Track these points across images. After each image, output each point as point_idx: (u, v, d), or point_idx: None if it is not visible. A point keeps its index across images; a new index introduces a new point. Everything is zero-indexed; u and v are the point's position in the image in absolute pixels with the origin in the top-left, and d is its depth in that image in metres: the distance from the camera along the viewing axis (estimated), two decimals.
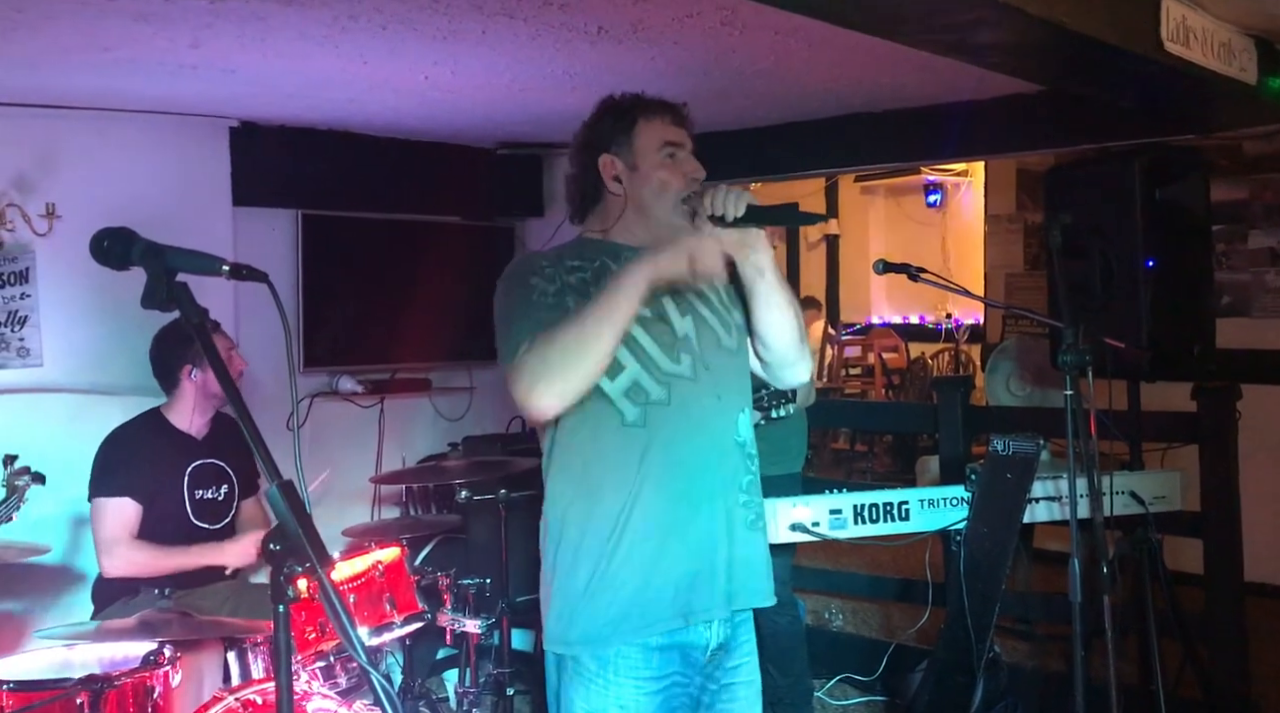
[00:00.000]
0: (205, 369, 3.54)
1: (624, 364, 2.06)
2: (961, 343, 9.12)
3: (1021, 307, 4.00)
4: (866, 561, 5.23)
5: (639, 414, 2.06)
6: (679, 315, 2.14)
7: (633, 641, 2.07)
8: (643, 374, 2.07)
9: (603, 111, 2.21)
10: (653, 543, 2.05)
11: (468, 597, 3.63)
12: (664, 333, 2.10)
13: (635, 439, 2.05)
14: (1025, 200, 7.22)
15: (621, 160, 2.15)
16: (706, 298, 2.20)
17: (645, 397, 2.06)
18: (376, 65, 3.78)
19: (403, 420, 5.59)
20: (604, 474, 2.07)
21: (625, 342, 2.05)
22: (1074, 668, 2.84)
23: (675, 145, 2.17)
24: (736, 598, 2.14)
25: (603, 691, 2.07)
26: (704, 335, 2.15)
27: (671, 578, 2.06)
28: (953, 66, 3.28)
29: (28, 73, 3.78)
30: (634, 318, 2.02)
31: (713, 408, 2.12)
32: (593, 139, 2.19)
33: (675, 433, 2.07)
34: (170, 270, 1.50)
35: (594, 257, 2.14)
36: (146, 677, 2.89)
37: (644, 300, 2.04)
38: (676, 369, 2.10)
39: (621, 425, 2.05)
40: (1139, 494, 3.50)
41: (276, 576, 1.32)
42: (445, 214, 5.68)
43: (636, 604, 2.06)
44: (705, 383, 2.11)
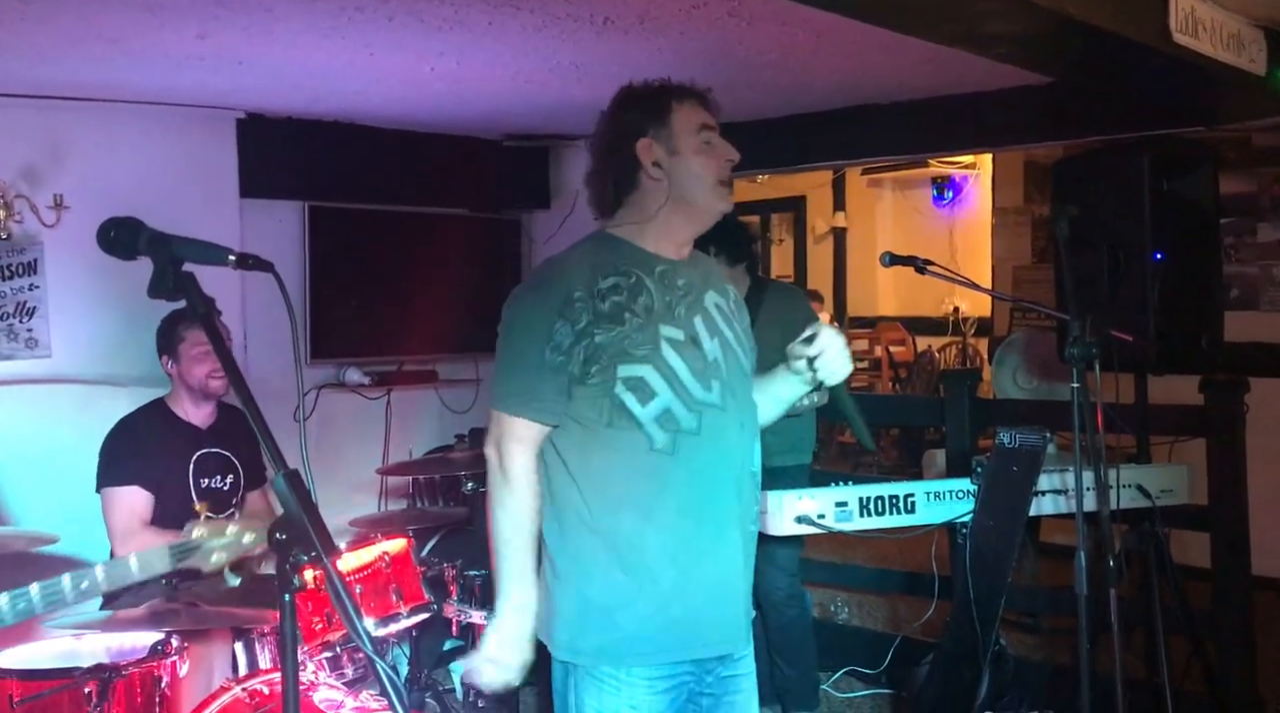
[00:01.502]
0: (179, 360, 3.55)
1: (657, 391, 2.02)
2: (969, 336, 9.10)
3: (1028, 299, 3.98)
4: (872, 554, 5.23)
5: (668, 441, 2.03)
6: (708, 337, 2.11)
7: (647, 663, 2.06)
8: (675, 402, 2.04)
9: (630, 99, 2.16)
10: (672, 573, 2.04)
11: (474, 588, 3.64)
12: (697, 358, 2.07)
13: (661, 466, 2.03)
14: (1033, 193, 7.21)
15: (661, 145, 2.10)
16: (729, 317, 2.18)
17: (676, 425, 2.04)
18: (383, 57, 3.78)
19: (409, 412, 5.60)
20: (627, 495, 2.04)
21: (659, 368, 2.03)
22: (1079, 661, 2.83)
23: (710, 129, 2.15)
24: (743, 625, 2.16)
25: (615, 691, 2.06)
26: (729, 358, 2.13)
27: (692, 606, 2.05)
28: (960, 58, 3.27)
29: (35, 64, 3.78)
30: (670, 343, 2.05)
31: (736, 438, 2.11)
32: (624, 127, 2.13)
33: (702, 463, 2.05)
34: (177, 260, 1.50)
35: (629, 269, 2.08)
36: (154, 667, 2.91)
37: (677, 322, 2.08)
38: (708, 397, 2.07)
39: (650, 450, 2.02)
40: (1146, 488, 3.49)
41: (283, 564, 1.32)
42: (452, 206, 5.68)
43: (654, 628, 2.05)
44: (732, 412, 2.11)
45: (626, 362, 2.02)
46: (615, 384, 2.01)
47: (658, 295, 2.07)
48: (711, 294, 2.18)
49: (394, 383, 5.52)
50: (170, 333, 3.56)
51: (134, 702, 2.87)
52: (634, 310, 2.04)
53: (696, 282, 2.16)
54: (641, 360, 2.02)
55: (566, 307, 2.02)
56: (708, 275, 2.21)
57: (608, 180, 2.16)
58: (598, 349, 2.01)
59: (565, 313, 2.02)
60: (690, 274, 2.16)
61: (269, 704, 2.87)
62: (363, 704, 2.88)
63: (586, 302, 2.02)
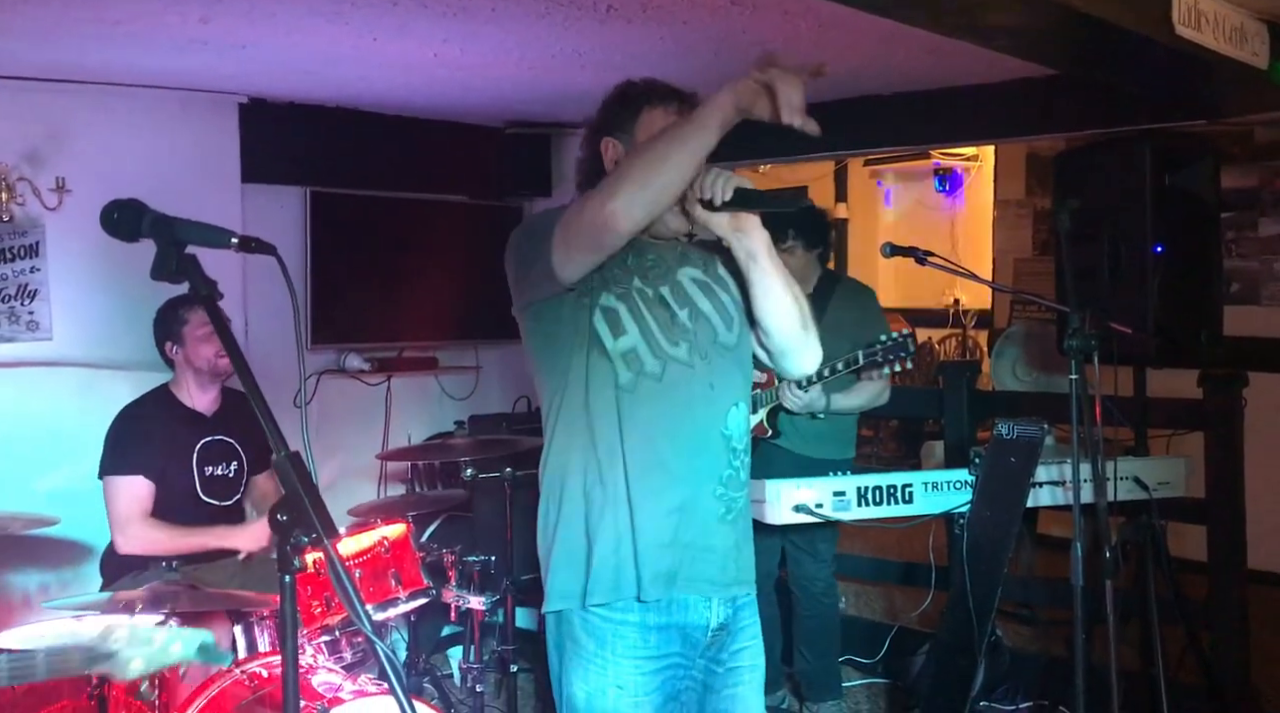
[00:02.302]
0: (184, 343, 3.56)
1: (626, 328, 2.08)
2: (969, 328, 9.11)
3: (1028, 291, 3.99)
4: (870, 544, 5.24)
5: (631, 380, 2.08)
6: (678, 307, 2.14)
7: (633, 605, 2.07)
8: (641, 344, 2.09)
9: (613, 96, 2.20)
10: (624, 510, 2.07)
11: (473, 574, 3.65)
12: (666, 316, 2.11)
13: (624, 403, 2.07)
14: (1035, 185, 7.20)
15: (622, 145, 2.14)
16: (710, 290, 2.19)
17: (640, 366, 2.08)
18: (386, 42, 3.78)
19: (409, 399, 5.60)
20: (599, 433, 2.08)
21: (631, 309, 2.08)
22: (1075, 652, 2.85)
23: None
24: (678, 584, 2.10)
25: (600, 670, 2.08)
26: (701, 330, 2.14)
27: (646, 545, 2.07)
28: (963, 49, 3.27)
29: (38, 47, 3.78)
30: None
31: (703, 396, 2.12)
32: (599, 123, 2.19)
33: (659, 410, 2.08)
34: (179, 242, 1.51)
35: None
36: None
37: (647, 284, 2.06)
38: (674, 352, 2.11)
39: (614, 386, 2.07)
40: (1143, 480, 3.50)
41: (283, 546, 1.33)
42: (453, 193, 5.68)
43: (626, 564, 2.07)
44: (700, 371, 2.12)
45: (606, 291, 2.09)
46: (595, 310, 2.08)
47: (632, 257, 2.13)
48: (688, 270, 2.19)
49: (394, 369, 5.52)
50: (171, 317, 3.56)
51: (133, 684, 2.89)
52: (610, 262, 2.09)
53: (669, 259, 2.18)
54: (619, 297, 2.09)
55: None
56: (684, 255, 2.21)
57: (581, 173, 2.23)
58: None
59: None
60: (661, 252, 2.18)
61: (267, 687, 2.88)
62: (361, 688, 2.90)
63: None
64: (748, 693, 2.21)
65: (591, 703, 2.09)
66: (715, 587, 2.15)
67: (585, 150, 2.22)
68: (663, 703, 2.13)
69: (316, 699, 2.75)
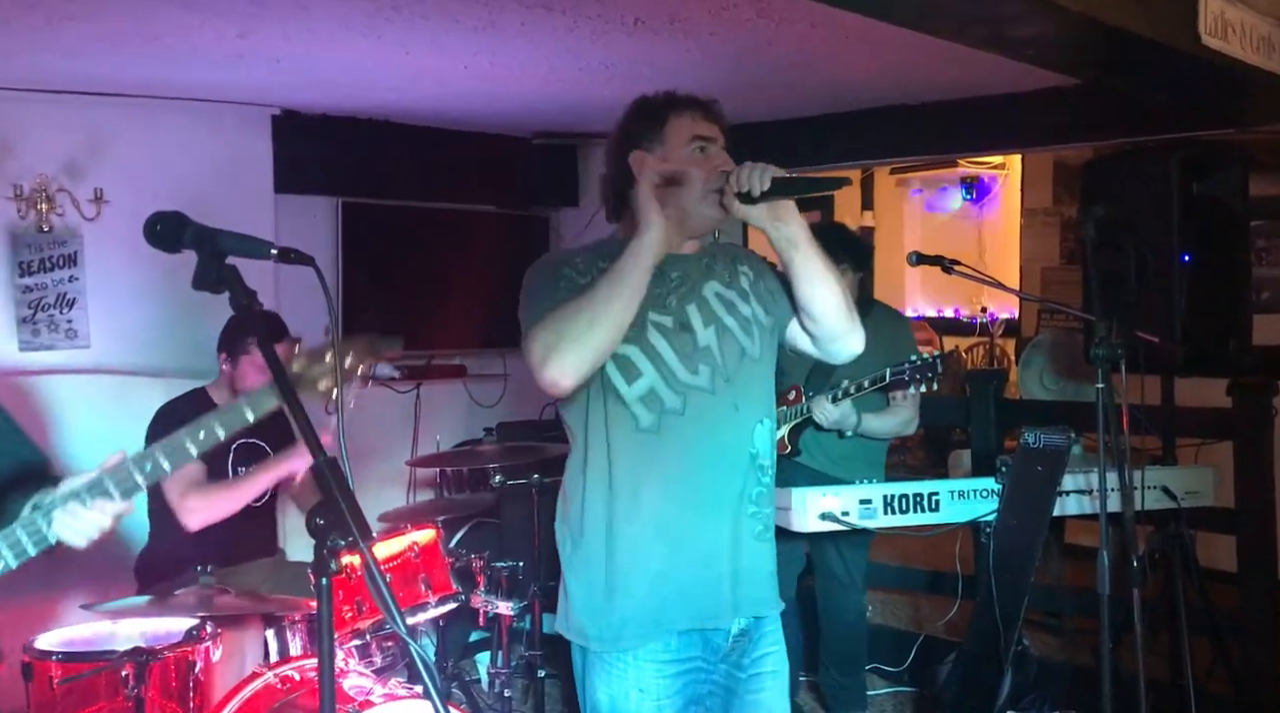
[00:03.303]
0: (237, 365, 3.61)
1: (641, 371, 2.09)
2: (996, 337, 9.07)
3: (1055, 300, 3.98)
4: (896, 552, 5.24)
5: (653, 421, 2.09)
6: (703, 325, 2.14)
7: (647, 641, 2.10)
8: (659, 382, 2.09)
9: (634, 109, 2.21)
10: (661, 550, 2.09)
11: (501, 580, 3.68)
12: (685, 343, 2.12)
13: (648, 445, 2.08)
14: (1062, 194, 7.17)
15: (652, 157, 2.14)
16: (733, 305, 2.20)
17: (660, 405, 2.09)
18: (418, 55, 3.84)
19: (438, 406, 5.65)
20: (622, 477, 2.10)
21: (644, 349, 2.09)
22: (1101, 662, 2.84)
23: (705, 139, 2.16)
24: (741, 607, 2.16)
25: (623, 674, 2.11)
26: (727, 346, 2.15)
27: (680, 586, 2.10)
28: (990, 59, 3.28)
29: (78, 61, 3.86)
30: (643, 293, 2.03)
31: (728, 420, 2.13)
32: (624, 137, 2.19)
33: (688, 443, 2.08)
34: (221, 253, 1.55)
35: None
36: (189, 651, 2.98)
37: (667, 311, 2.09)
38: (694, 381, 2.11)
39: (636, 430, 2.08)
40: (1171, 489, 3.49)
41: (320, 549, 1.37)
42: (481, 203, 5.73)
43: (648, 609, 2.10)
44: (723, 395, 2.12)
45: None
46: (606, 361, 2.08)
47: (649, 286, 2.11)
48: (713, 284, 2.20)
49: (423, 377, 5.58)
50: (238, 339, 3.57)
51: (168, 685, 2.94)
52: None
53: (694, 273, 2.19)
54: (629, 341, 2.08)
55: (569, 265, 2.14)
56: (710, 267, 2.22)
57: (608, 189, 2.23)
58: None
59: (571, 266, 2.14)
60: (686, 267, 2.19)
61: (300, 690, 2.92)
62: (391, 692, 2.93)
63: (587, 268, 2.12)
64: (771, 699, 2.22)
65: (615, 706, 2.12)
66: (760, 604, 2.19)
67: (611, 167, 2.22)
68: (684, 706, 2.16)
69: (348, 703, 2.79)
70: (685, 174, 2.11)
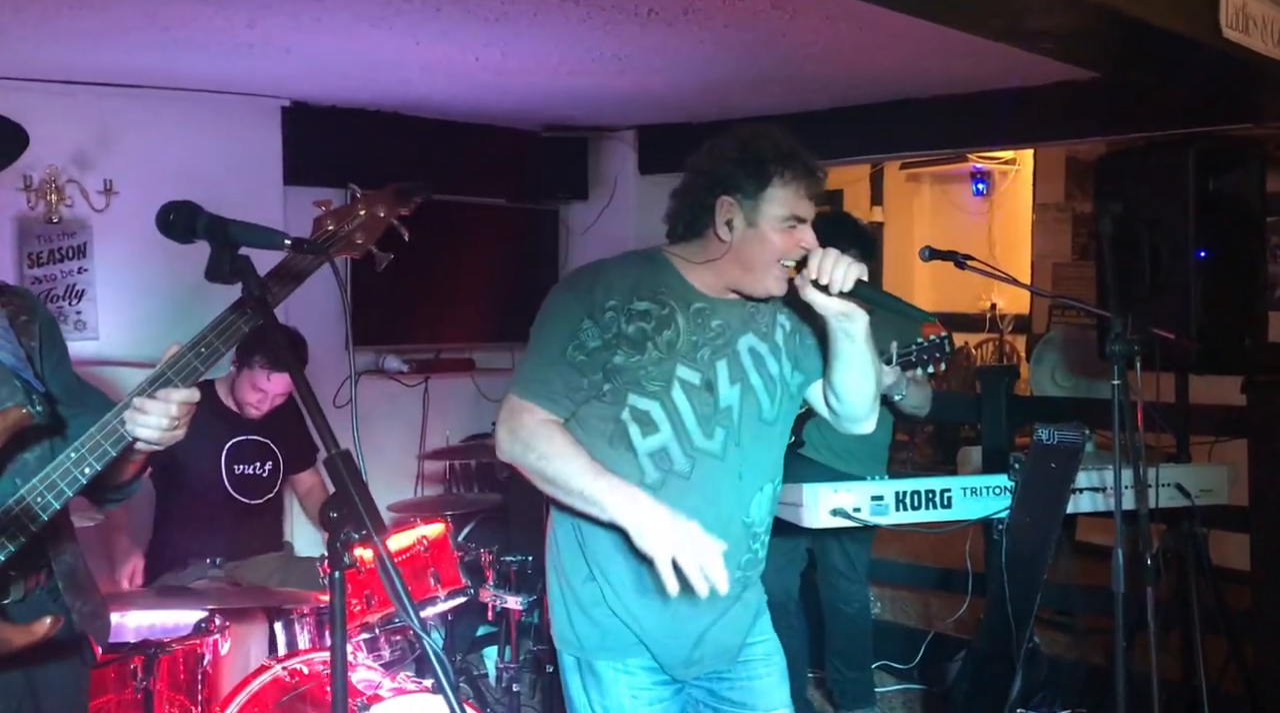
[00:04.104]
0: (239, 373, 3.61)
1: (659, 428, 2.05)
2: (1006, 333, 9.04)
3: (1070, 296, 3.94)
4: (905, 549, 5.22)
5: (659, 479, 2.06)
6: (729, 383, 2.10)
7: (628, 656, 2.12)
8: (673, 443, 2.06)
9: (739, 148, 2.06)
10: (636, 599, 2.09)
11: (509, 574, 3.67)
12: (706, 404, 2.08)
13: None
14: (1074, 189, 7.14)
15: (742, 211, 2.04)
16: (763, 362, 2.15)
17: (669, 465, 2.06)
18: (428, 46, 3.82)
19: (446, 400, 5.64)
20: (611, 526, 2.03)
21: (666, 406, 2.05)
22: (1115, 660, 2.82)
23: (800, 220, 2.06)
24: (694, 667, 2.16)
25: (614, 680, 2.12)
26: (747, 407, 2.12)
27: (646, 629, 2.10)
28: (1004, 52, 3.25)
29: (88, 52, 3.85)
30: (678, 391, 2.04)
31: (730, 488, 2.11)
32: (718, 173, 2.06)
33: (686, 506, 2.01)
34: (234, 244, 1.53)
35: (667, 299, 2.07)
36: (197, 644, 2.97)
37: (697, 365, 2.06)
38: (707, 445, 2.08)
39: (640, 484, 2.03)
40: (1185, 487, 3.47)
41: (334, 542, 1.35)
42: (490, 196, 5.72)
43: (619, 636, 2.11)
44: (731, 462, 2.10)
45: (636, 391, 2.04)
46: (624, 409, 2.04)
47: (685, 333, 2.07)
48: (749, 337, 2.14)
49: (432, 371, 5.57)
50: (250, 351, 3.59)
51: (176, 678, 2.94)
52: (657, 342, 2.05)
53: (734, 323, 2.13)
54: (651, 395, 2.05)
55: (598, 311, 2.04)
56: (751, 316, 2.16)
57: (681, 212, 2.12)
58: (615, 370, 2.04)
59: (595, 316, 2.04)
60: (730, 315, 2.13)
61: (307, 684, 2.92)
62: (400, 685, 2.93)
63: (617, 315, 2.04)
64: (768, 686, 2.22)
65: (606, 711, 2.12)
66: (725, 658, 2.19)
67: (690, 195, 2.10)
68: (679, 710, 2.18)
69: (356, 697, 2.79)
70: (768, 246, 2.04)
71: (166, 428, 1.66)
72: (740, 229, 2.05)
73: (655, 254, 2.16)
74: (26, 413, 1.65)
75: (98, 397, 1.97)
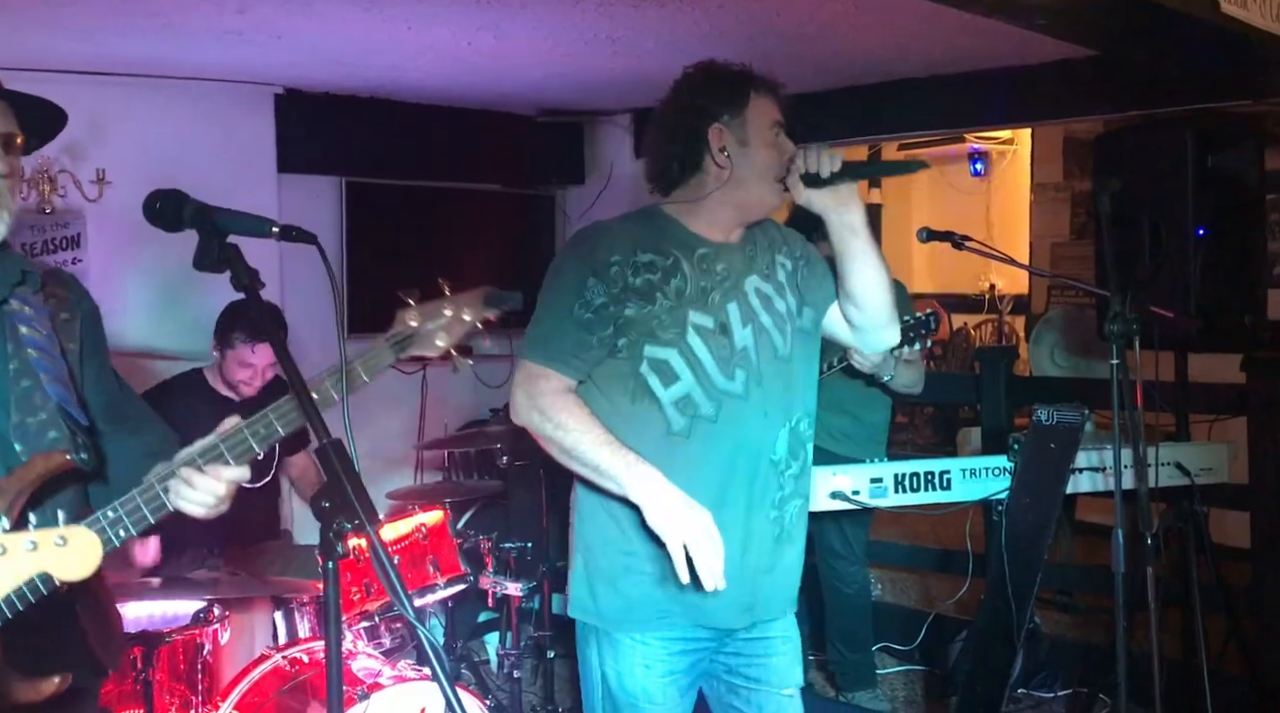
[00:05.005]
0: (224, 357, 3.59)
1: (679, 375, 2.06)
2: (1005, 314, 9.03)
3: (1069, 275, 3.95)
4: (905, 531, 5.22)
5: (685, 425, 2.07)
6: (741, 325, 2.11)
7: (646, 629, 2.11)
8: (696, 388, 2.07)
9: (709, 81, 2.15)
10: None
11: (509, 560, 3.67)
12: (723, 346, 2.09)
13: (676, 449, 2.06)
14: (1072, 168, 7.11)
15: (732, 133, 2.10)
16: (770, 301, 2.16)
17: (695, 410, 2.07)
18: (420, 30, 3.79)
19: (444, 387, 5.62)
20: None
21: (684, 353, 2.06)
22: (1116, 639, 2.82)
23: (780, 125, 2.15)
24: (756, 610, 2.15)
25: (630, 651, 2.12)
26: (762, 346, 2.13)
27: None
28: (1000, 30, 3.23)
29: (79, 40, 3.82)
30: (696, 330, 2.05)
31: (756, 427, 2.11)
32: (699, 108, 2.12)
33: (714, 449, 2.07)
34: (221, 232, 1.52)
35: (668, 248, 2.10)
36: (196, 634, 2.97)
37: (709, 309, 2.07)
38: (729, 386, 2.08)
39: (666, 433, 2.06)
40: (1185, 466, 3.46)
41: (326, 532, 1.34)
42: (486, 182, 5.70)
43: (654, 600, 2.10)
44: (755, 400, 2.11)
45: (653, 343, 2.06)
46: (641, 362, 2.05)
47: (692, 280, 2.09)
48: (754, 279, 2.16)
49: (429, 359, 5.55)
50: (228, 330, 3.57)
51: (176, 668, 2.94)
52: (665, 292, 2.06)
53: (739, 266, 2.15)
54: (668, 344, 2.06)
55: (602, 268, 2.06)
56: (752, 258, 2.18)
57: (672, 157, 2.15)
58: (627, 323, 2.05)
59: (600, 273, 2.06)
60: (733, 258, 2.15)
61: (308, 673, 2.92)
62: (400, 673, 2.92)
63: (621, 269, 2.06)
64: (781, 663, 2.22)
65: (621, 683, 2.13)
66: (770, 609, 2.17)
67: (675, 136, 2.13)
68: (690, 684, 2.17)
69: (356, 685, 2.78)
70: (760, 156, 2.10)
71: (212, 505, 1.62)
72: (735, 151, 2.11)
73: (652, 210, 2.19)
74: (70, 460, 1.61)
75: (137, 406, 1.93)
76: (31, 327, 1.69)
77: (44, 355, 1.69)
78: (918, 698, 4.36)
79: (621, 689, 2.12)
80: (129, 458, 1.78)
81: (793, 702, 2.22)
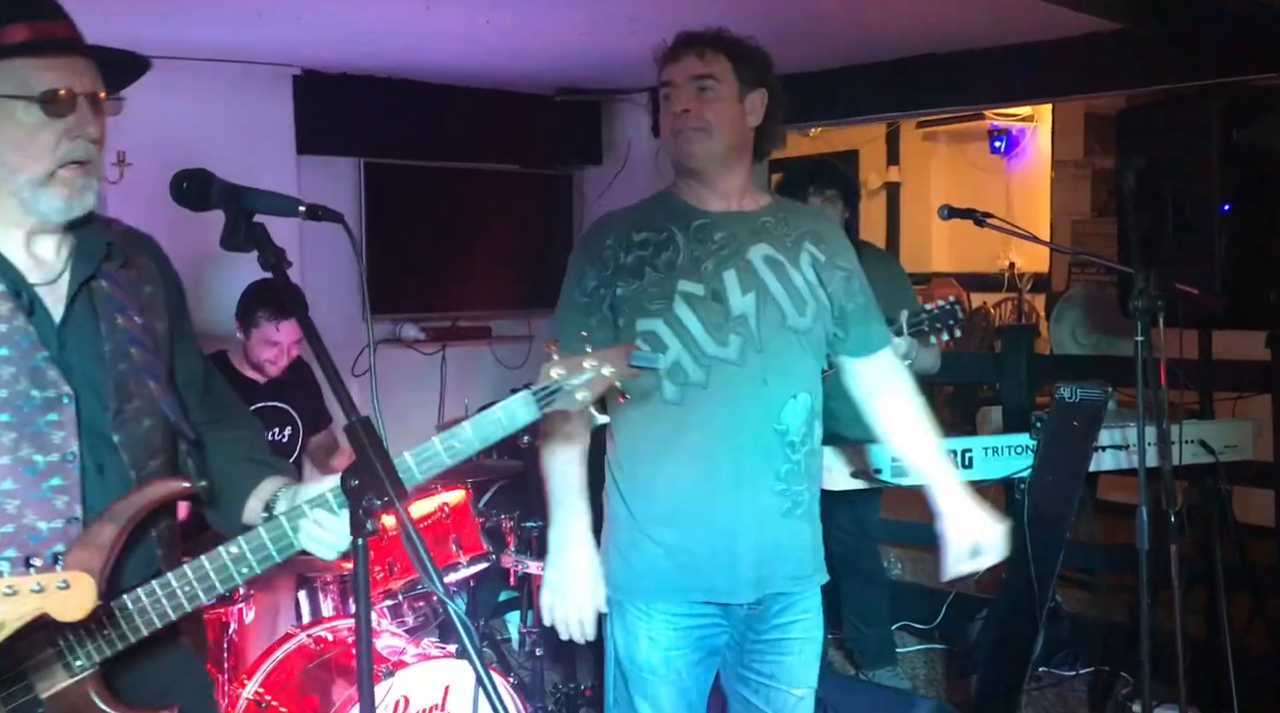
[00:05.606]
0: (249, 336, 3.61)
1: (667, 345, 2.08)
2: (1025, 292, 8.98)
3: (1091, 252, 3.91)
4: (926, 510, 5.19)
5: (677, 393, 2.08)
6: (740, 293, 2.10)
7: (661, 600, 2.14)
8: (684, 354, 2.08)
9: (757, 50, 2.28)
10: (677, 523, 2.10)
11: (531, 539, 3.67)
12: (715, 312, 2.09)
13: (671, 417, 2.08)
14: (1093, 145, 7.05)
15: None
16: (784, 270, 2.14)
17: (685, 377, 2.08)
18: (439, 10, 3.78)
19: (464, 368, 5.65)
20: (640, 446, 2.14)
21: (670, 323, 2.08)
22: (1140, 617, 2.81)
23: (667, 84, 2.16)
24: (764, 584, 2.15)
25: (637, 622, 2.16)
26: (766, 314, 2.11)
27: (693, 559, 2.11)
28: (1022, 4, 3.20)
29: (97, 23, 3.81)
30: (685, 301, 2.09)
31: (754, 395, 2.10)
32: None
33: (709, 417, 2.07)
34: (248, 211, 1.52)
35: (664, 223, 2.13)
36: (222, 613, 3.00)
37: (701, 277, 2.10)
38: (721, 352, 2.08)
39: (661, 402, 2.09)
40: (1209, 443, 3.44)
41: (355, 509, 1.35)
42: (504, 162, 5.69)
43: (662, 573, 2.13)
44: (752, 367, 2.09)
45: (642, 316, 2.09)
46: (634, 337, 2.08)
47: (685, 250, 2.11)
48: (761, 247, 2.14)
49: (449, 339, 5.57)
50: (251, 311, 3.58)
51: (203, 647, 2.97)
52: (655, 265, 2.10)
53: (741, 234, 2.14)
54: (654, 315, 2.09)
55: (596, 253, 2.14)
56: (764, 227, 2.17)
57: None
58: (619, 302, 2.11)
59: (594, 259, 2.14)
60: (734, 227, 2.14)
61: (333, 651, 2.95)
62: (424, 651, 2.95)
63: (615, 251, 2.12)
64: (795, 663, 2.22)
65: (628, 652, 2.17)
66: (785, 582, 2.18)
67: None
68: (698, 660, 2.18)
69: (381, 663, 2.81)
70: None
71: (344, 549, 1.49)
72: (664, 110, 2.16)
73: (664, 190, 2.24)
74: (190, 487, 1.56)
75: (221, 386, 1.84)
76: (126, 315, 1.63)
77: (142, 352, 1.61)
78: (938, 677, 4.36)
79: (630, 661, 2.17)
80: (227, 459, 1.72)
81: (802, 703, 2.23)
